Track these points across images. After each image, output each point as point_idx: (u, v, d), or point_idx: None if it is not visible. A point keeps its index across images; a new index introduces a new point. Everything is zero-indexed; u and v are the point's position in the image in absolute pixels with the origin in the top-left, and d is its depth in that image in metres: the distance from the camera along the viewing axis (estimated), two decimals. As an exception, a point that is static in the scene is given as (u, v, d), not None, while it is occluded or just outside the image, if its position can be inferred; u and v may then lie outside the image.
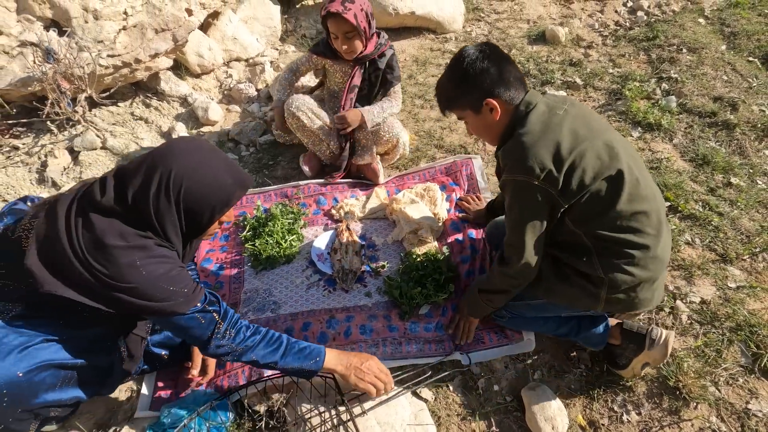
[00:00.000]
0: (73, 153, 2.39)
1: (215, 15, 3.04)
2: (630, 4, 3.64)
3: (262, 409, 1.43)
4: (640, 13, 3.48)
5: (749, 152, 2.25)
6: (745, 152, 2.26)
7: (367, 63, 2.07)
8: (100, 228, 1.03)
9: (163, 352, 1.49)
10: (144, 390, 1.49)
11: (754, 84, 2.67)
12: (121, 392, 1.53)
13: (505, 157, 1.24)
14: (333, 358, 1.30)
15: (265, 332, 1.26)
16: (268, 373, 1.49)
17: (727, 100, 2.53)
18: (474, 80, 1.25)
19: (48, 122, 2.42)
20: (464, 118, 1.37)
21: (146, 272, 1.05)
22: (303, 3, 3.69)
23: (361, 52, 2.01)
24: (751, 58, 2.91)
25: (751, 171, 2.17)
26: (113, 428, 1.43)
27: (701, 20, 3.28)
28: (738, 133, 2.34)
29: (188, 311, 1.12)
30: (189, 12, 2.63)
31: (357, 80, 2.08)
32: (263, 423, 1.40)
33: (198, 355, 1.45)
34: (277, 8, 3.36)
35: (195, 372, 1.43)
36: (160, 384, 1.52)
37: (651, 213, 1.23)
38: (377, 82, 2.12)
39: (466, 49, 1.28)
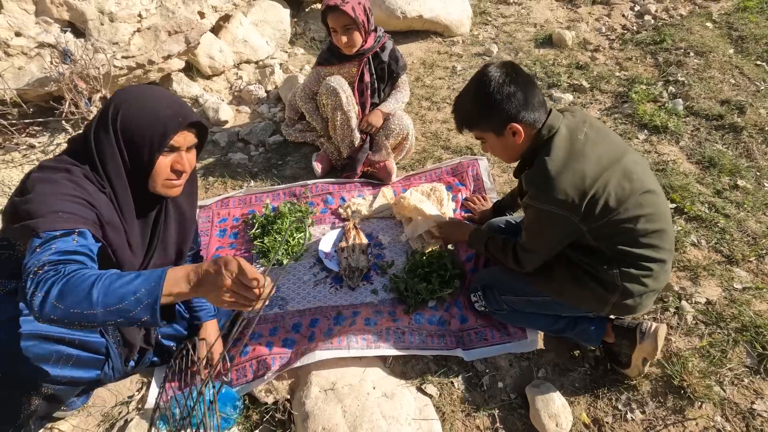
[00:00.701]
0: (87, 151, 2.44)
1: (226, 18, 3.10)
2: (637, 8, 3.65)
3: (269, 400, 1.46)
4: (647, 17, 3.49)
5: (756, 155, 2.25)
6: (753, 155, 2.26)
7: (371, 57, 2.12)
8: (44, 162, 1.06)
9: (172, 344, 1.52)
10: (154, 381, 1.53)
11: (762, 87, 2.66)
12: (133, 384, 1.57)
13: (530, 184, 1.26)
14: (173, 279, 0.88)
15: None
16: (274, 367, 1.51)
17: (735, 104, 2.53)
18: (500, 105, 1.24)
19: (63, 122, 2.48)
20: (483, 139, 1.37)
21: (48, 186, 0.98)
22: (312, 6, 3.74)
23: (362, 46, 2.05)
24: (759, 62, 2.90)
25: (758, 174, 2.17)
26: (124, 417, 1.47)
27: (709, 24, 3.28)
28: (745, 136, 2.34)
29: (41, 232, 0.93)
30: (201, 15, 2.69)
31: (367, 77, 2.13)
32: (270, 415, 1.42)
33: (203, 348, 1.47)
34: (287, 11, 3.41)
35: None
36: (170, 376, 1.55)
37: (668, 230, 1.28)
38: (384, 74, 2.17)
39: (490, 71, 1.26)
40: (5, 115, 2.30)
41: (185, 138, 1.14)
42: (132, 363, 1.43)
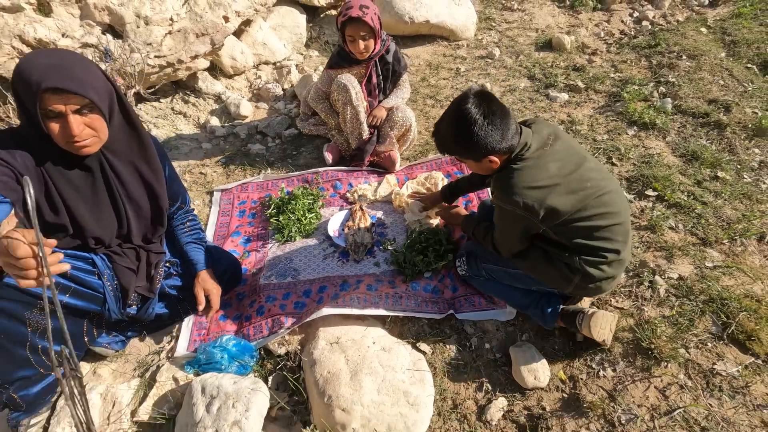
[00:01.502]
0: (122, 141, 2.71)
1: (248, 23, 3.37)
2: (636, 14, 3.82)
3: (282, 351, 1.67)
4: (645, 23, 3.65)
5: (738, 150, 2.40)
6: (735, 150, 2.41)
7: (378, 60, 2.33)
8: None
9: (174, 293, 1.68)
10: (183, 335, 1.75)
11: (750, 88, 2.81)
12: (164, 338, 1.79)
13: (495, 186, 1.41)
14: None
15: None
16: (287, 324, 1.72)
17: (722, 103, 2.68)
18: (479, 142, 1.32)
19: (101, 114, 2.74)
20: (463, 161, 1.50)
21: None
22: (327, 13, 3.99)
23: (373, 51, 2.26)
24: (749, 65, 3.05)
25: (738, 167, 2.32)
26: (156, 364, 1.69)
27: (703, 29, 3.43)
28: (729, 132, 2.49)
29: None
30: (226, 19, 2.95)
31: (374, 78, 2.34)
32: (282, 363, 1.63)
33: (201, 293, 1.59)
34: (303, 17, 3.67)
35: (200, 308, 1.57)
36: (196, 331, 1.77)
37: (621, 224, 1.45)
38: (388, 74, 2.39)
39: (468, 107, 1.32)
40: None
41: (66, 101, 1.12)
42: (134, 309, 1.53)
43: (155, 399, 1.57)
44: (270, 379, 1.63)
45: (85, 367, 1.66)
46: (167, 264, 1.64)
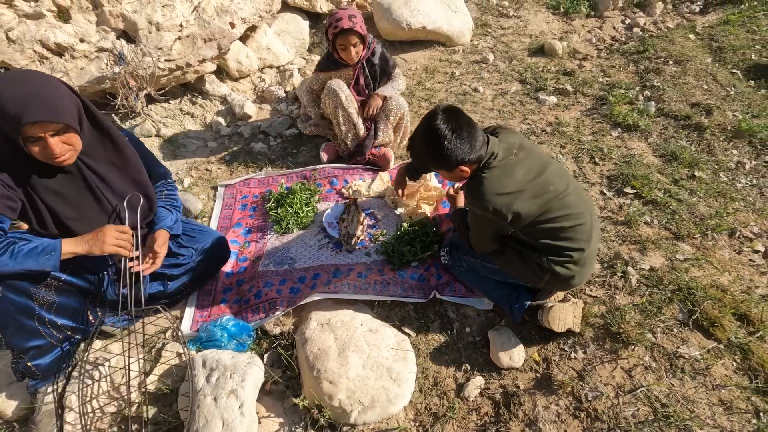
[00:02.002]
0: (133, 139, 2.88)
1: (253, 28, 3.54)
2: (628, 21, 3.94)
3: (277, 331, 1.81)
4: (636, 30, 3.78)
5: (717, 150, 2.51)
6: (713, 150, 2.52)
7: (365, 62, 2.46)
8: None
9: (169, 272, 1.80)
10: (187, 315, 1.90)
11: (732, 92, 2.92)
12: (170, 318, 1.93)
13: (467, 192, 1.55)
14: (70, 245, 1.37)
15: None
16: (282, 307, 1.86)
17: (704, 106, 2.80)
18: (449, 156, 1.43)
19: (113, 114, 2.92)
20: (436, 171, 1.67)
21: None
22: (329, 19, 4.17)
23: (362, 55, 2.39)
24: (734, 70, 3.16)
25: (716, 167, 2.43)
26: (162, 342, 1.84)
27: (691, 36, 3.55)
28: (708, 134, 2.60)
29: None
30: (232, 25, 3.12)
31: (362, 80, 2.48)
32: (277, 342, 1.77)
33: (149, 247, 1.62)
34: (306, 23, 3.84)
35: (134, 254, 1.55)
36: (199, 313, 1.92)
37: (584, 224, 1.57)
38: (377, 75, 2.51)
39: (437, 124, 1.42)
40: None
41: (44, 129, 1.24)
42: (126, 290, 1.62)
43: (161, 372, 1.72)
44: (266, 356, 1.76)
45: (96, 344, 1.80)
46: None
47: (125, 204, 1.58)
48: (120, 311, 1.60)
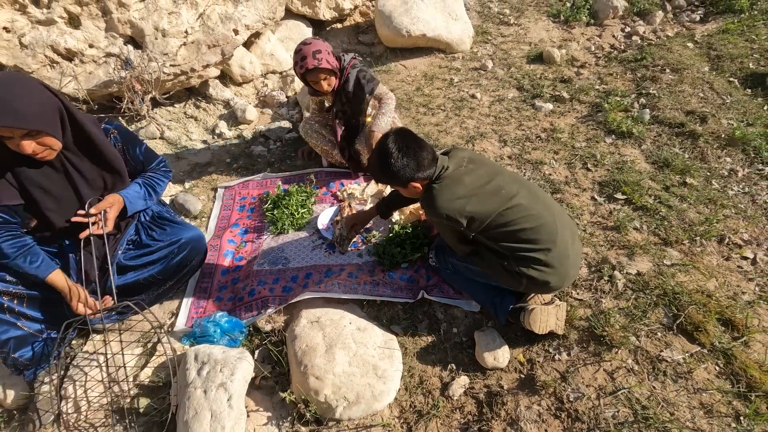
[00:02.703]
0: (138, 141, 2.97)
1: (257, 35, 3.63)
2: (627, 29, 3.97)
3: (268, 328, 1.86)
4: (635, 38, 3.80)
5: (710, 158, 2.53)
6: (706, 158, 2.53)
7: (340, 90, 2.35)
8: None
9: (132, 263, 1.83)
10: (182, 312, 1.96)
11: (728, 101, 2.93)
12: (165, 313, 2.00)
13: (422, 205, 1.68)
14: (56, 278, 1.58)
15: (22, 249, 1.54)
16: (274, 305, 1.91)
17: (699, 114, 2.81)
18: (398, 173, 1.55)
19: (120, 117, 3.02)
20: (393, 188, 1.80)
21: None
22: (333, 26, 4.25)
23: (336, 85, 2.32)
24: (731, 79, 3.17)
25: (708, 174, 2.45)
26: (157, 336, 1.90)
27: (690, 44, 3.57)
28: (702, 141, 2.62)
29: None
30: (236, 32, 3.21)
31: (337, 106, 2.42)
32: (268, 339, 1.82)
33: (102, 204, 1.64)
34: (310, 30, 3.93)
35: (80, 213, 1.60)
36: (194, 309, 1.98)
37: (543, 226, 1.60)
38: (352, 99, 2.37)
39: (388, 144, 1.55)
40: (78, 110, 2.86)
41: (11, 131, 1.34)
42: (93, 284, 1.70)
43: (155, 366, 1.78)
44: (257, 352, 1.82)
45: (94, 337, 1.87)
46: (128, 242, 1.82)
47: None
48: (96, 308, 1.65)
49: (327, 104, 2.62)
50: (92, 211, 1.59)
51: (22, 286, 1.62)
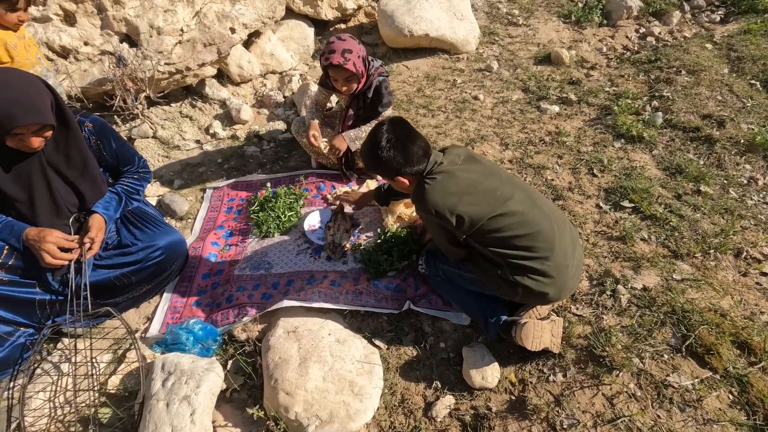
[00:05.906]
0: (130, 140, 2.92)
1: (257, 34, 3.57)
2: (642, 30, 3.80)
3: (243, 337, 1.76)
4: (649, 39, 3.63)
5: (727, 165, 2.35)
6: (723, 165, 2.36)
7: (359, 94, 2.28)
8: None
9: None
10: (156, 317, 1.87)
11: (749, 104, 2.74)
12: (141, 320, 1.92)
13: (413, 199, 1.59)
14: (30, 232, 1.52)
15: None
16: (251, 313, 1.81)
17: (716, 118, 2.63)
18: (385, 164, 1.50)
19: (114, 116, 2.98)
20: (383, 178, 1.72)
21: None
22: (336, 26, 4.18)
23: (356, 90, 2.23)
24: (753, 81, 2.97)
25: (725, 182, 2.27)
26: (130, 342, 1.81)
27: (708, 45, 3.38)
28: (719, 147, 2.44)
29: None
30: (232, 30, 3.15)
31: (351, 110, 2.33)
32: (242, 349, 1.72)
33: (90, 232, 1.64)
34: (312, 30, 3.86)
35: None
36: (170, 314, 1.89)
37: (540, 233, 1.47)
38: (369, 105, 2.31)
39: (378, 133, 1.50)
40: (71, 107, 2.82)
41: (29, 128, 1.36)
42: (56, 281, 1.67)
43: (124, 374, 1.69)
44: (230, 362, 1.71)
45: (64, 341, 1.79)
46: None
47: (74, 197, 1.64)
48: (68, 311, 1.58)
49: (332, 104, 2.54)
50: (85, 240, 1.61)
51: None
